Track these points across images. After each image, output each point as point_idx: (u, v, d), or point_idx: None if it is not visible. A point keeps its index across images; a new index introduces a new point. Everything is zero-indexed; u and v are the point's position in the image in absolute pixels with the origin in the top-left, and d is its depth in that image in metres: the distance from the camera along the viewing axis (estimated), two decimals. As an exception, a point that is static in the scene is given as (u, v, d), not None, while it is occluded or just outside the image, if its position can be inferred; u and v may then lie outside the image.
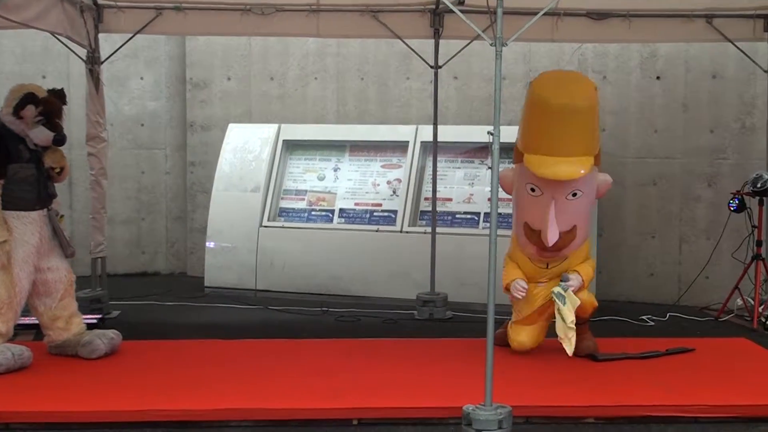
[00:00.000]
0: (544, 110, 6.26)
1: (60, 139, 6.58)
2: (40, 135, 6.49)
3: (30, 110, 6.42)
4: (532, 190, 6.49)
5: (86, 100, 8.44)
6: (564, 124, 6.18)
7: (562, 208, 6.42)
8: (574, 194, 6.44)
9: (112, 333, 6.75)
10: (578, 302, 6.49)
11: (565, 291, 6.49)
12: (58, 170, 6.69)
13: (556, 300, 6.47)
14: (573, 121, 6.20)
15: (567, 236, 6.51)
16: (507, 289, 6.72)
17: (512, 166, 6.90)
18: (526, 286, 6.65)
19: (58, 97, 6.74)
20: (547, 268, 6.72)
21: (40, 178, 6.52)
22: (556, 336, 6.53)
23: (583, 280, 6.64)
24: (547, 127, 6.27)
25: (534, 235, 6.54)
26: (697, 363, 6.64)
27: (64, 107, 6.78)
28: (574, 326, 6.40)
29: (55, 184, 6.76)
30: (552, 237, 6.41)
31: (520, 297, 6.65)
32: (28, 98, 6.45)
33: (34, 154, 6.51)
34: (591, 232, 7.13)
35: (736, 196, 8.43)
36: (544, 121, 6.29)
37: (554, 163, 6.24)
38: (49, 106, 6.56)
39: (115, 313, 8.49)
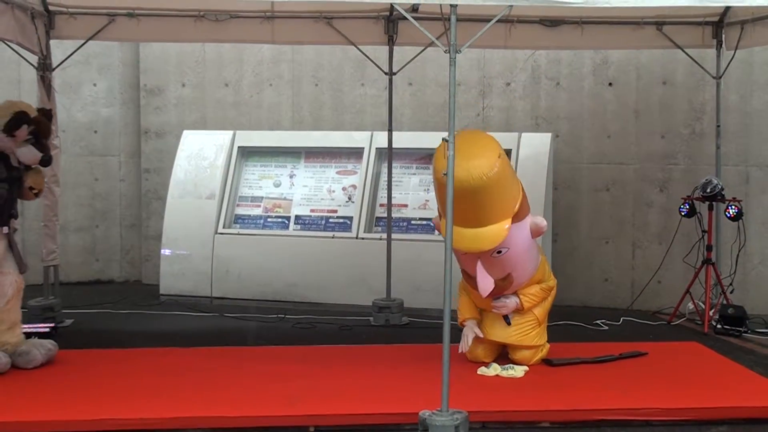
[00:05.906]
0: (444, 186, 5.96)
1: (47, 160, 6.62)
2: (29, 154, 6.48)
3: (24, 130, 6.41)
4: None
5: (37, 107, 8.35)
6: (466, 201, 5.88)
7: (490, 262, 6.31)
8: (499, 252, 6.25)
9: (49, 344, 6.68)
10: (526, 369, 6.53)
11: (506, 370, 6.48)
12: (36, 191, 6.69)
13: (502, 373, 6.47)
14: (474, 198, 5.95)
15: (503, 283, 6.44)
16: (462, 324, 6.74)
17: None
18: (474, 335, 6.65)
19: (46, 117, 6.72)
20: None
21: (9, 199, 6.47)
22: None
23: (521, 303, 6.59)
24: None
25: (471, 280, 6.46)
26: (650, 367, 6.73)
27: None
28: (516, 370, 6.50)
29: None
30: (485, 289, 6.33)
31: (465, 348, 6.64)
32: (23, 118, 6.43)
33: (11, 173, 6.47)
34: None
35: (687, 201, 8.53)
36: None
37: (466, 236, 6.05)
38: (40, 126, 6.56)
39: (69, 322, 8.39)
